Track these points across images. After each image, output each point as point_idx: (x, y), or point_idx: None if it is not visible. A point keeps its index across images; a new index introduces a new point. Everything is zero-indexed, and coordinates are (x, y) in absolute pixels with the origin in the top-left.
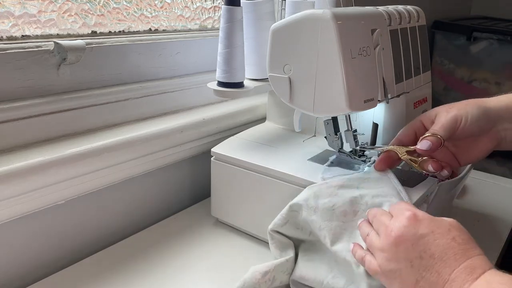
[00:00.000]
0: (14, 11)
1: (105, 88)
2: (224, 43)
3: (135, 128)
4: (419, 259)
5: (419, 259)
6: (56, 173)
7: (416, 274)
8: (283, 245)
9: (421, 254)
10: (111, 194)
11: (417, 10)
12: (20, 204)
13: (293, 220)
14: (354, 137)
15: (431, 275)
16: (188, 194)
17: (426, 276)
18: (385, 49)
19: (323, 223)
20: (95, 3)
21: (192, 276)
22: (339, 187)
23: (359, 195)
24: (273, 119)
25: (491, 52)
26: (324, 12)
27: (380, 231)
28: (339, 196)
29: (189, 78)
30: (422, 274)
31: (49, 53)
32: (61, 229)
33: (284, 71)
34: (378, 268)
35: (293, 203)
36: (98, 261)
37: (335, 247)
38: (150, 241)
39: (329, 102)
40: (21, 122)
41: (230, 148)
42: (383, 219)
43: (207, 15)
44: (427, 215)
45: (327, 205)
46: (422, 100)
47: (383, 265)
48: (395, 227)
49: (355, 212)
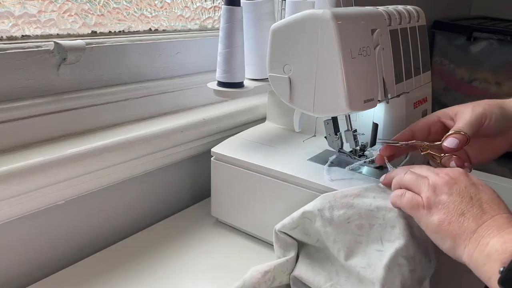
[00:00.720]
0: (14, 11)
1: (105, 88)
2: (224, 43)
3: (135, 128)
4: (469, 198)
5: (469, 198)
6: (56, 173)
7: (463, 207)
8: (287, 244)
9: (471, 195)
10: (111, 194)
11: (417, 10)
12: (20, 204)
13: (303, 226)
14: (354, 137)
15: (477, 210)
16: (188, 194)
17: (472, 211)
18: (385, 49)
19: (338, 236)
20: (95, 3)
21: (192, 276)
22: (354, 196)
23: (376, 208)
24: (273, 119)
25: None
26: (324, 12)
27: (432, 175)
28: (354, 207)
29: (189, 78)
30: (469, 208)
31: (49, 53)
32: (61, 229)
33: (284, 71)
34: (421, 201)
35: (306, 211)
36: (98, 261)
37: (350, 262)
38: (150, 241)
39: (329, 102)
40: (21, 122)
41: (230, 148)
42: (433, 170)
43: (207, 15)
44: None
45: (342, 217)
46: (422, 100)
47: (431, 197)
48: (451, 172)
49: (371, 225)
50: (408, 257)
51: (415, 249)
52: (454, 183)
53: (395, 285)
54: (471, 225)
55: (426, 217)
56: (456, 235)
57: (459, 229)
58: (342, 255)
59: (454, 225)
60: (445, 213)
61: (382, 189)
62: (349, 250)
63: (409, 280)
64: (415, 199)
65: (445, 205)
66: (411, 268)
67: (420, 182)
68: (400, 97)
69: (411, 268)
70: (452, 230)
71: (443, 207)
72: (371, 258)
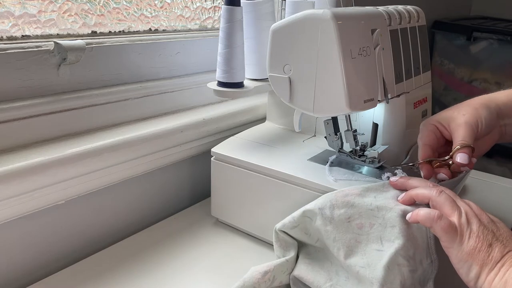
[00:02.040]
0: (14, 11)
1: (105, 88)
2: (224, 43)
3: (135, 128)
4: (492, 232)
5: (492, 233)
6: (56, 173)
7: (490, 239)
8: (287, 244)
9: (494, 231)
10: (111, 194)
11: (417, 10)
12: (20, 204)
13: (304, 225)
14: (354, 137)
15: (500, 244)
16: (188, 194)
17: (497, 243)
18: (385, 49)
19: (338, 235)
20: (95, 3)
21: (192, 276)
22: (355, 196)
23: (376, 208)
24: (273, 119)
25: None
26: (324, 12)
27: (462, 203)
28: (355, 206)
29: (189, 78)
30: (494, 240)
31: (49, 53)
32: (61, 229)
33: (284, 71)
34: (455, 223)
35: (307, 209)
36: (98, 261)
37: (349, 260)
38: (150, 241)
39: (329, 102)
40: (21, 122)
41: (230, 148)
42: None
43: (207, 15)
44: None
45: (343, 216)
46: (422, 100)
47: (464, 225)
48: (473, 205)
49: (371, 225)
50: (408, 257)
51: (415, 249)
52: (480, 217)
53: (394, 285)
54: (498, 255)
55: (458, 243)
56: (483, 264)
57: (487, 258)
58: (342, 254)
59: (483, 254)
60: (476, 241)
61: (383, 189)
62: (349, 249)
63: (409, 280)
64: (452, 225)
65: (476, 234)
66: (411, 268)
67: (455, 206)
68: (400, 97)
69: (411, 268)
70: (481, 258)
71: (474, 236)
72: (371, 258)
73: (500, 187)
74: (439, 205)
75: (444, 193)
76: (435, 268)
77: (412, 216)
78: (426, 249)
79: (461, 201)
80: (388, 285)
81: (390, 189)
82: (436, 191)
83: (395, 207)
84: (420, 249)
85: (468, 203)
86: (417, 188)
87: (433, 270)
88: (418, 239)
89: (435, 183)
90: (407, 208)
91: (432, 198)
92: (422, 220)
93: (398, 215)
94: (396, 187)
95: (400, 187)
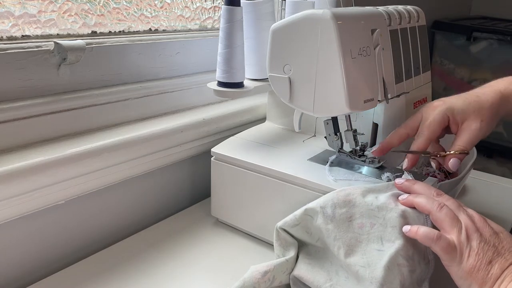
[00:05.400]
0: (14, 11)
1: (105, 88)
2: (224, 43)
3: (135, 128)
4: (494, 247)
5: (494, 247)
6: (56, 173)
7: (490, 255)
8: (287, 243)
9: (496, 244)
10: (111, 194)
11: (417, 10)
12: (20, 204)
13: (305, 224)
14: (354, 137)
15: (501, 259)
16: (188, 194)
17: (497, 259)
18: (385, 49)
19: (339, 234)
20: (95, 3)
21: (192, 276)
22: (356, 195)
23: (377, 208)
24: (273, 119)
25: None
26: (324, 12)
27: (463, 217)
28: (356, 206)
29: (189, 78)
30: (494, 257)
31: (49, 53)
32: (61, 229)
33: (284, 71)
34: (454, 242)
35: (309, 208)
36: (98, 261)
37: (349, 259)
38: (150, 241)
39: (329, 102)
40: (21, 122)
41: (230, 148)
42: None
43: (207, 15)
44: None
45: (344, 215)
46: (422, 100)
47: (464, 243)
48: (477, 218)
49: (372, 225)
50: (408, 257)
51: (414, 250)
52: (482, 231)
53: (394, 285)
54: (497, 272)
55: (458, 262)
56: (483, 283)
57: (487, 276)
58: (342, 253)
59: (482, 273)
60: (475, 260)
61: (385, 189)
62: (349, 248)
63: (408, 280)
64: (451, 245)
65: (476, 252)
66: (410, 269)
67: (455, 223)
68: (400, 97)
69: (410, 268)
70: (481, 277)
71: (474, 254)
72: (371, 258)
73: (500, 187)
74: (439, 220)
75: (445, 208)
76: (431, 268)
77: (411, 232)
78: (424, 249)
79: (463, 213)
80: (388, 285)
81: (393, 190)
82: (437, 206)
83: (396, 207)
84: (419, 249)
85: (470, 215)
86: (420, 196)
87: (429, 270)
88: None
89: (439, 191)
90: (408, 209)
91: (432, 213)
92: (421, 240)
93: (399, 216)
94: (400, 190)
95: (404, 191)
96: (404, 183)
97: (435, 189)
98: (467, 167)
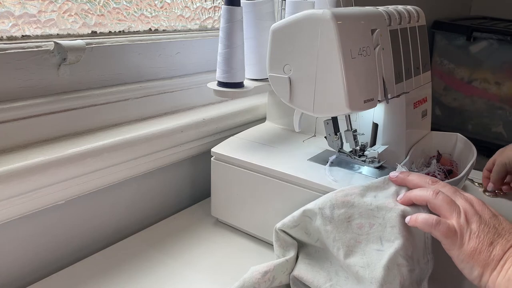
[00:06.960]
0: (14, 11)
1: (105, 88)
2: (224, 43)
3: (135, 128)
4: (494, 228)
5: (494, 229)
6: (56, 173)
7: (491, 237)
8: (287, 244)
9: (496, 226)
10: (111, 194)
11: (417, 10)
12: (20, 204)
13: (304, 225)
14: (354, 137)
15: (502, 240)
16: (188, 194)
17: (498, 240)
18: (385, 49)
19: (338, 235)
20: (95, 3)
21: (192, 276)
22: (355, 195)
23: (376, 207)
24: (273, 119)
25: (491, 52)
26: (324, 12)
27: (461, 201)
28: (355, 206)
29: (189, 78)
30: (495, 238)
31: (49, 53)
32: (61, 229)
33: (284, 71)
34: (455, 230)
35: (307, 209)
36: (98, 261)
37: (349, 260)
38: (150, 241)
39: (329, 102)
40: (21, 122)
41: (230, 148)
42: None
43: (207, 15)
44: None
45: (343, 216)
46: (422, 100)
47: (464, 226)
48: (476, 202)
49: (371, 225)
50: (407, 257)
51: (413, 249)
52: (481, 213)
53: (394, 285)
54: (499, 253)
55: (459, 246)
56: (485, 264)
57: (489, 258)
58: (342, 253)
59: (484, 255)
60: (476, 242)
61: (384, 186)
62: (348, 249)
63: (408, 280)
64: (451, 229)
65: (476, 234)
66: (410, 268)
67: (453, 208)
68: (400, 97)
69: (410, 268)
70: (483, 259)
71: (474, 236)
72: (371, 258)
73: None
74: (437, 207)
75: (441, 194)
76: (430, 267)
77: (411, 220)
78: (423, 249)
79: (460, 197)
80: (388, 285)
81: (390, 186)
82: (432, 193)
83: (395, 207)
84: (418, 248)
85: (469, 199)
86: (415, 190)
87: (429, 269)
88: (416, 239)
89: (434, 178)
90: (407, 208)
91: (429, 201)
92: (420, 227)
93: (398, 215)
94: (396, 183)
95: (400, 183)
96: (399, 176)
97: (430, 177)
98: (467, 167)
